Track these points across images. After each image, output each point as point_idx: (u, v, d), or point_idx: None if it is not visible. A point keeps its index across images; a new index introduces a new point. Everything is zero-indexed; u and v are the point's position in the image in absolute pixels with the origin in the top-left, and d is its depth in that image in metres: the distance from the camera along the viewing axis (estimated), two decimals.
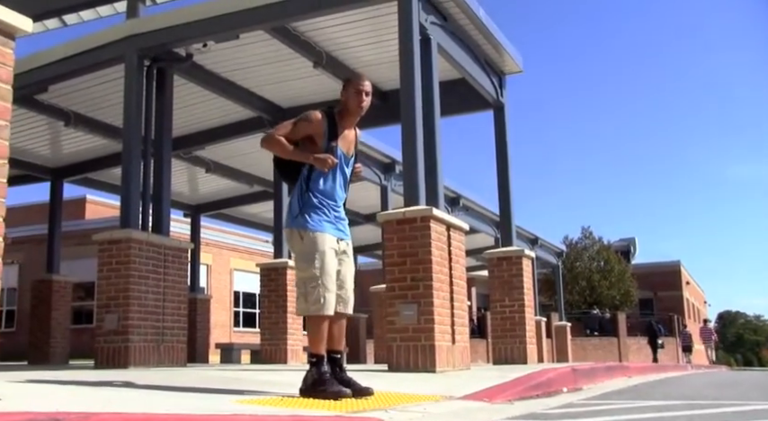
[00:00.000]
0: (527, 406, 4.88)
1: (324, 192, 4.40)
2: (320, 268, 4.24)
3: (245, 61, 10.26)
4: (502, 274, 10.20)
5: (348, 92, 4.53)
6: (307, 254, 4.28)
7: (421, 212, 7.22)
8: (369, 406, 3.99)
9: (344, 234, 4.50)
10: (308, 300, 4.24)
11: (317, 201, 4.36)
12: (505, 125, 10.68)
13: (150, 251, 8.53)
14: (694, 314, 51.92)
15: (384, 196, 14.43)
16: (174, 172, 13.03)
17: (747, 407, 5.14)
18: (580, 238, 41.13)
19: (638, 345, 33.33)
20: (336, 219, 4.44)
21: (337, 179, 4.47)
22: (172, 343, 8.72)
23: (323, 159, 4.29)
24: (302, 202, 4.36)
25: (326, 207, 4.39)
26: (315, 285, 4.23)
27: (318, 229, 4.31)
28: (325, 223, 4.35)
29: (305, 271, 4.28)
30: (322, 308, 4.23)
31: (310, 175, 4.39)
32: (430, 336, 6.93)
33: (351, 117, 4.58)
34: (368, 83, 4.56)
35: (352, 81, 4.57)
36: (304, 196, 4.37)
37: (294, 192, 4.45)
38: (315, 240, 4.28)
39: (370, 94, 4.55)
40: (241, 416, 3.15)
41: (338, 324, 4.41)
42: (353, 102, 4.51)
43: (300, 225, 4.32)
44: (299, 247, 4.35)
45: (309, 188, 4.38)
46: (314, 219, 4.32)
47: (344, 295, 4.41)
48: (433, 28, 8.29)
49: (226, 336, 24.38)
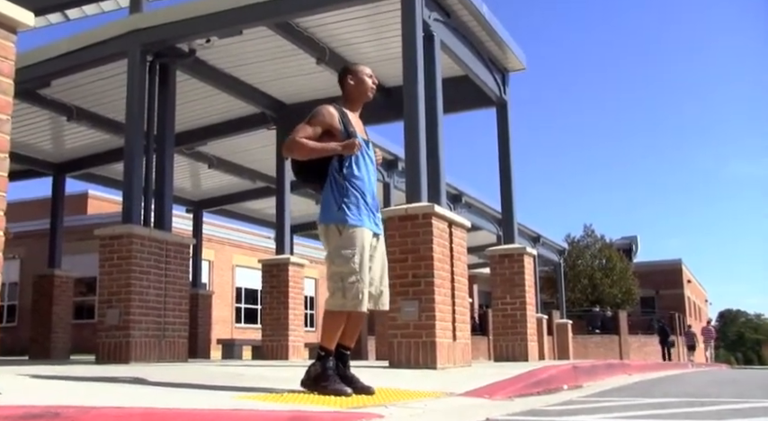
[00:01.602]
0: (527, 402, 4.88)
1: (359, 177, 4.35)
2: (359, 263, 4.20)
3: (247, 57, 10.26)
4: (504, 272, 10.21)
5: (356, 76, 4.51)
6: (345, 248, 4.21)
7: (423, 209, 7.22)
8: (369, 401, 4.00)
9: (379, 228, 4.46)
10: (346, 295, 4.17)
11: (353, 188, 4.30)
12: (508, 122, 10.68)
13: (152, 246, 8.54)
14: (696, 312, 51.95)
15: (387, 193, 14.44)
16: (177, 167, 13.04)
17: (746, 404, 5.14)
18: (582, 236, 41.14)
19: (639, 343, 33.36)
20: (373, 212, 4.40)
21: (367, 163, 4.44)
22: (173, 338, 8.74)
23: (350, 144, 4.26)
24: (340, 194, 4.28)
25: (364, 196, 4.33)
26: (354, 280, 4.17)
27: (358, 224, 4.25)
28: (364, 217, 4.31)
29: (343, 265, 4.20)
30: (360, 303, 4.19)
31: (341, 164, 4.34)
32: (431, 333, 6.93)
33: (357, 104, 4.58)
34: (369, 69, 4.61)
35: (356, 68, 4.57)
36: (341, 186, 4.30)
37: (327, 187, 4.35)
38: (354, 235, 4.23)
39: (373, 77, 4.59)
40: (241, 411, 3.15)
41: (357, 321, 4.37)
42: (364, 85, 4.52)
43: (340, 219, 4.24)
44: (336, 242, 4.26)
45: (345, 175, 4.31)
46: (353, 212, 4.26)
47: (374, 291, 4.36)
48: (436, 25, 8.28)
49: (227, 332, 24.42)
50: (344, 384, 4.18)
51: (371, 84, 4.56)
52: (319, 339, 4.30)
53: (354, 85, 4.53)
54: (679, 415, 4.28)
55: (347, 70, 4.61)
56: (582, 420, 3.86)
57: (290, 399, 3.93)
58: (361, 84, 4.53)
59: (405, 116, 7.63)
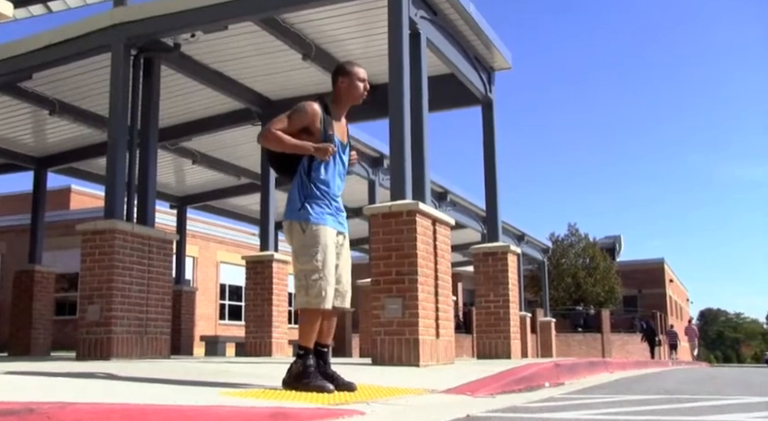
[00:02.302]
0: (509, 399, 4.90)
1: (325, 182, 4.37)
2: (322, 261, 4.21)
3: (233, 52, 10.21)
4: (487, 270, 10.23)
5: (349, 80, 4.50)
6: (308, 246, 4.24)
7: (407, 206, 7.22)
8: (351, 398, 4.00)
9: (343, 227, 4.48)
10: (308, 293, 4.20)
11: (318, 191, 4.32)
12: (494, 121, 10.70)
13: (135, 242, 8.49)
14: (677, 311, 52.31)
15: (372, 190, 14.42)
16: (161, 163, 12.99)
17: (722, 401, 5.20)
18: (566, 235, 41.34)
19: (622, 342, 33.58)
20: (337, 212, 4.42)
21: (337, 167, 4.45)
22: (155, 335, 8.69)
23: (323, 148, 4.27)
24: (304, 194, 4.32)
25: (328, 198, 4.36)
26: (317, 278, 4.20)
27: (320, 222, 4.28)
28: (327, 216, 4.32)
29: (306, 263, 4.23)
30: (323, 301, 4.20)
31: (311, 166, 4.34)
32: (414, 331, 6.94)
33: (346, 105, 4.58)
34: (365, 71, 4.59)
35: (352, 71, 4.54)
36: (306, 187, 4.33)
37: (294, 185, 4.38)
38: (317, 233, 4.26)
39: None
40: (221, 407, 3.14)
41: (331, 318, 4.39)
42: (356, 91, 4.51)
43: (302, 217, 4.27)
44: (299, 240, 4.29)
45: (311, 178, 4.33)
46: (316, 210, 4.29)
47: (341, 289, 4.39)
48: (422, 22, 8.28)
49: (211, 329, 24.34)
50: (326, 381, 4.18)
51: (363, 90, 4.55)
52: (298, 337, 4.31)
53: (346, 87, 4.52)
54: (658, 411, 4.31)
55: (342, 71, 4.57)
56: (562, 417, 3.88)
57: (272, 396, 3.92)
58: (353, 89, 4.52)
59: (390, 114, 7.62)
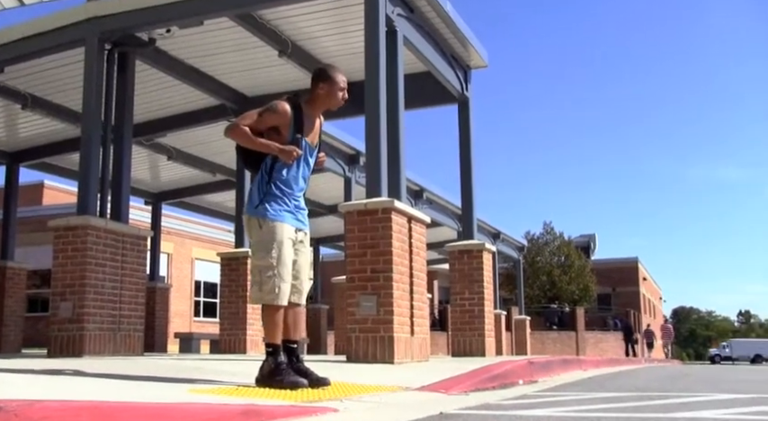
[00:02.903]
0: (482, 397, 4.92)
1: (286, 183, 4.38)
2: (277, 258, 4.23)
3: (209, 48, 10.14)
4: (462, 268, 10.26)
5: (330, 87, 4.48)
6: (264, 242, 4.27)
7: (382, 204, 7.22)
8: (324, 395, 4.00)
9: (303, 224, 4.48)
10: (262, 289, 4.23)
11: (278, 191, 4.34)
12: (470, 119, 10.72)
13: (108, 239, 8.41)
14: (650, 309, 52.87)
15: (348, 188, 14.41)
16: (135, 159, 12.86)
17: (692, 398, 5.27)
18: (541, 234, 41.61)
19: (596, 339, 33.88)
20: (296, 209, 4.43)
21: (301, 170, 4.45)
22: (129, 332, 8.63)
23: (288, 151, 4.27)
24: (263, 192, 4.33)
25: (287, 196, 4.37)
26: (270, 274, 4.21)
27: (278, 219, 4.29)
28: (285, 213, 4.34)
29: (261, 259, 4.26)
30: (276, 297, 4.22)
31: (273, 165, 4.35)
32: (389, 328, 6.95)
33: (321, 108, 4.57)
34: (345, 78, 4.60)
35: (334, 78, 4.51)
36: (266, 186, 4.34)
37: (255, 181, 4.41)
38: (273, 230, 4.27)
39: None
40: (192, 405, 3.12)
41: (293, 314, 4.39)
42: (334, 98, 4.51)
43: (260, 214, 4.30)
44: (257, 236, 4.32)
45: (272, 178, 4.35)
46: (274, 208, 4.30)
47: (299, 285, 4.40)
48: (399, 20, 8.28)
49: (186, 326, 24.20)
50: (299, 377, 4.18)
51: (341, 98, 4.54)
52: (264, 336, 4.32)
53: (325, 94, 4.51)
54: (629, 408, 4.36)
55: (322, 77, 4.54)
56: (535, 414, 3.90)
57: (245, 393, 3.91)
58: (332, 96, 4.52)
59: (366, 111, 7.62)
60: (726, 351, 59.06)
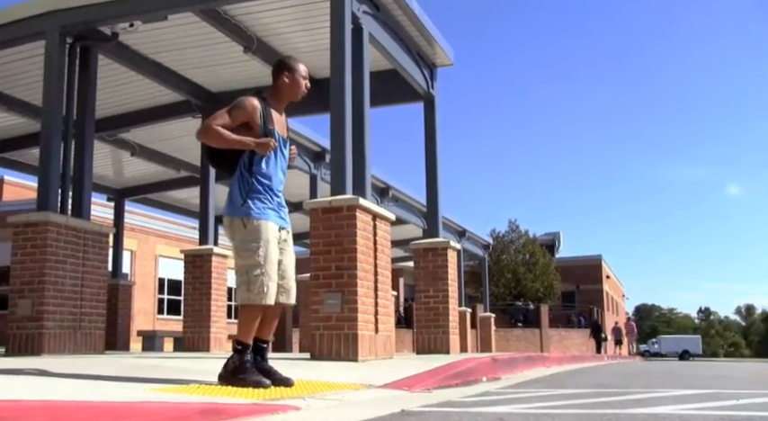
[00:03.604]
0: (445, 394, 4.95)
1: (267, 176, 4.34)
2: (264, 256, 4.18)
3: (173, 43, 10.04)
4: (427, 265, 10.30)
5: (292, 76, 4.48)
6: (250, 241, 4.21)
7: (347, 202, 7.22)
8: (287, 394, 3.99)
9: (286, 222, 4.46)
10: (250, 288, 4.17)
11: (260, 186, 4.30)
12: (435, 117, 10.76)
13: (69, 235, 8.29)
14: (613, 307, 53.50)
15: (313, 185, 14.38)
16: (98, 154, 12.69)
17: (651, 394, 5.35)
18: (507, 231, 41.86)
19: (560, 336, 34.24)
20: (279, 207, 4.40)
21: (278, 162, 4.43)
22: (90, 330, 8.51)
23: (264, 143, 4.25)
24: (246, 189, 4.28)
25: (270, 192, 4.34)
26: (258, 274, 4.17)
27: (262, 217, 4.25)
28: (269, 211, 4.30)
29: (248, 259, 4.20)
30: (265, 297, 4.18)
31: (252, 160, 4.32)
32: (353, 326, 6.95)
33: (286, 101, 4.57)
34: (306, 68, 4.60)
35: (295, 67, 4.52)
36: (248, 182, 4.29)
37: (235, 180, 4.34)
38: (258, 228, 4.22)
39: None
40: (150, 403, 3.09)
41: (273, 314, 4.36)
42: (297, 87, 4.51)
43: (244, 213, 4.24)
44: (241, 235, 4.25)
45: (253, 173, 4.30)
46: (257, 206, 4.26)
47: (286, 285, 4.36)
48: (365, 17, 8.27)
49: (150, 324, 23.97)
50: (263, 376, 4.16)
51: (305, 87, 4.55)
52: (236, 333, 4.27)
53: (288, 83, 4.50)
54: (588, 405, 4.41)
55: (284, 66, 4.55)
56: (495, 411, 3.93)
57: (206, 391, 3.88)
58: (295, 85, 4.51)
59: (331, 108, 7.60)
60: (655, 347, 60.66)
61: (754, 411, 3.98)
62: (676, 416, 3.69)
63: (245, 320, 4.22)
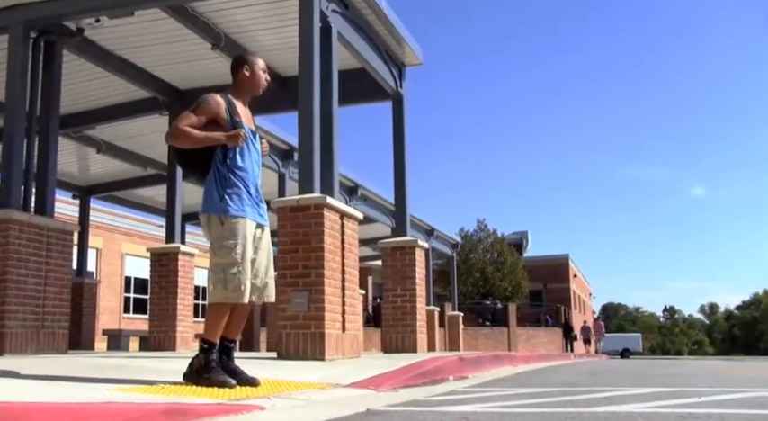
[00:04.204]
0: (411, 393, 4.97)
1: (243, 168, 4.32)
2: (241, 254, 4.16)
3: (140, 39, 9.93)
4: (395, 264, 10.31)
5: (252, 70, 4.50)
6: (226, 239, 4.18)
7: (315, 200, 7.20)
8: (252, 393, 3.97)
9: (264, 219, 4.44)
10: (227, 286, 4.14)
11: (237, 179, 4.27)
12: (404, 116, 10.78)
13: (32, 233, 8.17)
14: (580, 306, 54.07)
15: (282, 183, 14.33)
16: (63, 151, 12.54)
17: (615, 392, 5.41)
18: (475, 231, 42.05)
19: (527, 335, 34.48)
20: (257, 203, 4.38)
21: (252, 154, 4.43)
22: (53, 329, 8.39)
23: (234, 135, 4.24)
24: (223, 185, 4.25)
25: (247, 186, 4.31)
26: (235, 271, 4.14)
27: (240, 214, 4.22)
28: (247, 207, 4.28)
29: (224, 257, 4.17)
30: (242, 295, 4.16)
31: (225, 154, 4.30)
32: (320, 324, 6.93)
33: (248, 96, 4.57)
34: (264, 62, 4.62)
35: (254, 61, 4.54)
36: (224, 177, 4.26)
37: (211, 177, 4.29)
38: (236, 225, 4.20)
39: None
40: (113, 403, 3.05)
41: (241, 313, 4.34)
42: (258, 80, 4.52)
43: (221, 210, 4.21)
44: (218, 232, 4.22)
45: (228, 167, 4.28)
46: (235, 202, 4.23)
47: (259, 283, 4.34)
48: (334, 16, 8.26)
49: (115, 323, 23.73)
50: (228, 376, 4.14)
51: (264, 79, 4.56)
52: (203, 331, 4.24)
53: (249, 77, 4.51)
54: (553, 403, 4.45)
55: (243, 61, 4.57)
56: (461, 409, 3.95)
57: (170, 391, 3.86)
58: (256, 78, 4.53)
59: (299, 107, 7.58)
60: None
61: (713, 408, 4.05)
62: (638, 414, 3.74)
63: (213, 319, 4.20)
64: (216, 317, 4.19)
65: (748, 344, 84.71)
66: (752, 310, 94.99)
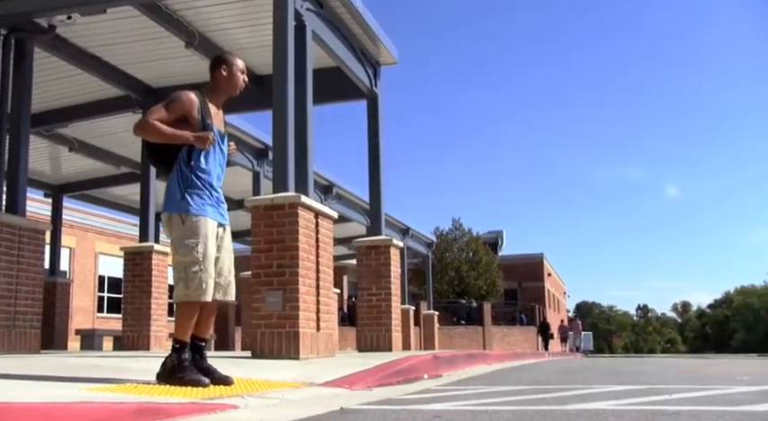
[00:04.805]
0: (385, 392, 4.99)
1: (206, 171, 4.31)
2: (203, 253, 4.16)
3: (113, 37, 9.85)
4: (370, 263, 10.33)
5: (230, 70, 4.48)
6: (188, 238, 4.18)
7: (289, 199, 7.20)
8: (226, 392, 3.97)
9: (225, 219, 4.44)
10: (189, 285, 4.15)
11: (199, 181, 4.27)
12: (378, 115, 10.80)
13: (3, 232, 8.07)
14: (555, 304, 54.40)
15: (256, 182, 14.28)
16: (34, 149, 12.40)
17: (588, 390, 5.46)
18: (450, 230, 42.14)
19: (502, 334, 34.65)
20: (218, 203, 4.37)
21: (217, 157, 4.42)
22: (25, 329, 8.31)
23: (203, 137, 4.22)
24: (185, 184, 4.24)
25: (208, 188, 4.31)
26: (197, 270, 4.14)
27: (201, 213, 4.22)
28: (208, 207, 4.27)
29: (186, 255, 4.17)
30: (203, 293, 4.15)
31: (191, 155, 4.29)
32: (294, 324, 6.93)
33: (224, 96, 4.56)
34: (243, 62, 4.61)
35: (233, 61, 4.52)
36: (187, 177, 4.25)
37: (173, 176, 4.30)
38: (197, 224, 4.20)
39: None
40: (86, 403, 3.04)
41: (209, 311, 4.34)
42: (236, 81, 4.50)
43: (182, 208, 4.20)
44: (179, 231, 4.22)
45: (191, 168, 4.27)
46: (196, 202, 4.22)
47: (223, 282, 4.35)
48: (308, 14, 8.25)
49: (89, 322, 23.52)
50: (202, 375, 4.14)
51: (242, 81, 4.55)
52: (174, 331, 4.24)
53: (226, 77, 4.49)
54: (526, 401, 4.49)
55: (222, 60, 4.55)
56: (435, 408, 3.98)
57: (143, 390, 3.84)
58: (233, 78, 4.51)
59: (273, 105, 7.56)
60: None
61: (683, 406, 4.11)
62: (610, 411, 3.78)
63: (183, 318, 4.20)
64: (184, 316, 4.20)
65: (720, 343, 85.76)
66: (723, 309, 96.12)
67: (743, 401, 4.36)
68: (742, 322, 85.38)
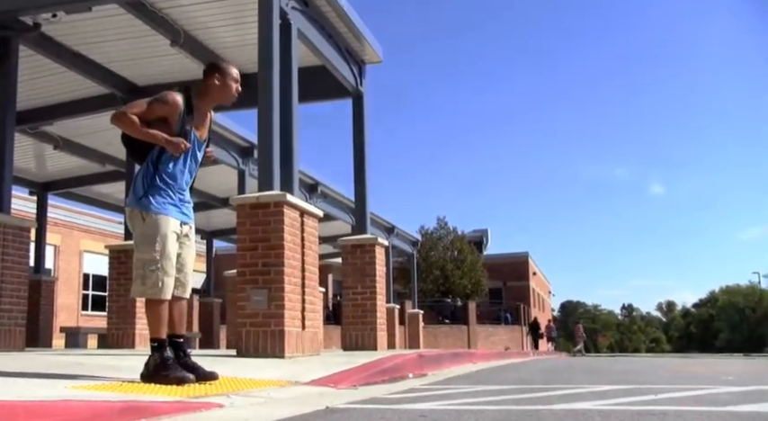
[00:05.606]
0: (371, 391, 5.00)
1: (172, 176, 4.32)
2: (161, 251, 4.17)
3: (98, 35, 9.80)
4: (355, 262, 10.33)
5: (224, 79, 4.47)
6: (148, 236, 4.20)
7: (274, 197, 7.21)
8: (211, 391, 3.98)
9: (188, 217, 4.44)
10: (145, 282, 4.18)
11: (163, 183, 4.28)
12: (364, 114, 10.80)
13: None
14: (539, 303, 54.56)
15: (241, 180, 14.27)
16: (19, 147, 12.31)
17: (573, 390, 5.49)
18: (435, 228, 42.16)
19: (487, 333, 34.78)
20: (181, 202, 4.38)
21: (188, 164, 4.41)
22: (9, 326, 8.28)
23: (176, 143, 4.21)
24: (147, 184, 4.26)
25: (172, 190, 4.31)
26: (154, 268, 4.16)
27: (162, 212, 4.23)
28: (169, 206, 4.28)
29: (145, 253, 4.20)
30: (159, 291, 4.17)
31: (160, 157, 4.29)
32: (280, 322, 6.94)
33: (213, 103, 4.56)
34: (238, 72, 4.60)
35: (228, 71, 4.51)
36: (150, 178, 4.27)
37: (140, 172, 4.33)
38: (157, 222, 4.21)
39: None
40: (70, 401, 3.03)
41: (178, 307, 4.35)
42: (228, 91, 4.50)
43: (143, 206, 4.23)
44: (140, 228, 4.25)
45: (158, 170, 4.28)
46: (157, 200, 4.24)
47: (183, 279, 4.36)
48: (293, 13, 8.25)
49: (74, 320, 23.43)
50: (186, 372, 4.14)
51: (235, 91, 4.54)
52: (149, 331, 4.25)
53: (218, 86, 4.49)
54: (511, 401, 4.52)
55: (216, 68, 4.53)
56: (420, 407, 4.00)
57: (129, 389, 3.84)
58: (226, 88, 4.50)
59: (259, 104, 7.56)
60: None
61: (669, 405, 4.14)
62: (596, 411, 3.80)
63: (150, 316, 4.24)
64: (152, 314, 4.23)
65: (704, 342, 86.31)
66: (708, 308, 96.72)
67: (729, 401, 4.40)
68: (727, 322, 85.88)
